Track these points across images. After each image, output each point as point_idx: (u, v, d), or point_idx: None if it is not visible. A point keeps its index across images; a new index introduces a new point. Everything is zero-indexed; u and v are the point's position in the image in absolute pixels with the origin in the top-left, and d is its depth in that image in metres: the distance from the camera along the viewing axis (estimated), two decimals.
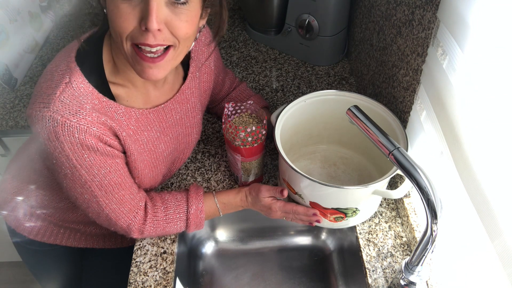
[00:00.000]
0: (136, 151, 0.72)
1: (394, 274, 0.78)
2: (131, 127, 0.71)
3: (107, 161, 0.67)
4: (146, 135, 0.74)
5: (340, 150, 0.97)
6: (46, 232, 0.90)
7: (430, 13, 0.67)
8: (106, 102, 0.66)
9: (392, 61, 0.87)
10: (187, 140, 0.86)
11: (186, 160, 0.92)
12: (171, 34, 0.60)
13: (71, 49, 0.67)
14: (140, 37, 0.58)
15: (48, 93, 0.62)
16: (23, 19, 1.25)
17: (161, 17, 0.57)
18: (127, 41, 0.60)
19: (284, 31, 1.26)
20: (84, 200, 0.70)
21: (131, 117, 0.70)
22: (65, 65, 0.64)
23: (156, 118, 0.75)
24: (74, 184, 0.67)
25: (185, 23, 0.60)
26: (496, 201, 0.52)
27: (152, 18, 0.56)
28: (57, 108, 0.60)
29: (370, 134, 0.64)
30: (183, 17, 0.60)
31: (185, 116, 0.82)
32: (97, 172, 0.66)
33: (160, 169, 0.81)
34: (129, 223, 0.75)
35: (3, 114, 1.15)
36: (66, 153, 0.62)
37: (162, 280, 0.80)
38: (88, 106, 0.63)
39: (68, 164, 0.64)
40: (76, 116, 0.61)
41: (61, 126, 0.60)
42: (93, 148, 0.64)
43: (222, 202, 0.83)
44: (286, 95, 1.17)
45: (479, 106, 0.56)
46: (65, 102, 0.61)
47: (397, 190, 0.73)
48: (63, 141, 0.61)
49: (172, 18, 0.59)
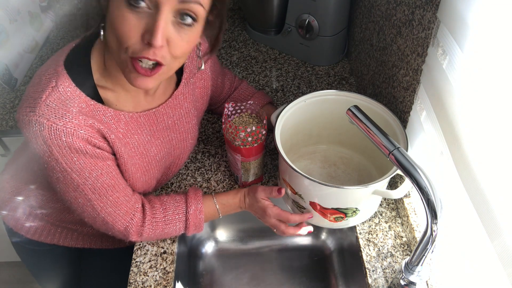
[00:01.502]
0: (126, 154, 0.71)
1: (394, 274, 0.78)
2: (121, 130, 0.70)
3: (97, 163, 0.67)
4: (136, 138, 0.74)
5: (340, 150, 0.97)
6: (43, 231, 0.90)
7: (430, 13, 0.67)
8: (94, 105, 0.66)
9: (392, 61, 0.87)
10: (182, 146, 0.86)
11: (182, 165, 0.92)
12: (169, 52, 0.60)
13: (60, 54, 0.66)
14: (141, 50, 0.58)
15: (34, 97, 0.61)
16: (23, 19, 1.25)
17: (165, 34, 0.57)
18: (125, 51, 0.59)
19: (284, 31, 1.26)
20: (78, 204, 0.70)
21: (120, 120, 0.70)
22: (53, 69, 0.64)
23: (146, 121, 0.75)
24: (67, 188, 0.67)
25: (185, 43, 0.61)
26: (496, 201, 0.52)
27: (158, 35, 0.56)
28: (43, 112, 0.60)
29: (370, 134, 0.64)
30: (185, 37, 0.60)
31: (179, 121, 0.82)
32: (89, 175, 0.66)
33: (153, 173, 0.81)
34: (126, 225, 0.75)
35: (3, 114, 1.15)
36: (55, 157, 0.62)
37: (162, 280, 0.80)
38: (74, 110, 0.62)
39: (58, 168, 0.64)
40: (62, 119, 0.60)
41: (47, 130, 0.60)
42: (82, 150, 0.63)
43: (221, 202, 0.83)
44: (286, 95, 1.17)
45: (479, 106, 0.56)
46: (51, 106, 0.60)
47: (397, 190, 0.73)
48: (50, 145, 0.61)
49: (175, 36, 0.59)
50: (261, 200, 0.81)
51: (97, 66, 0.67)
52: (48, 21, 1.42)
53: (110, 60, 0.67)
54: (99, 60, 0.67)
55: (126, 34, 0.57)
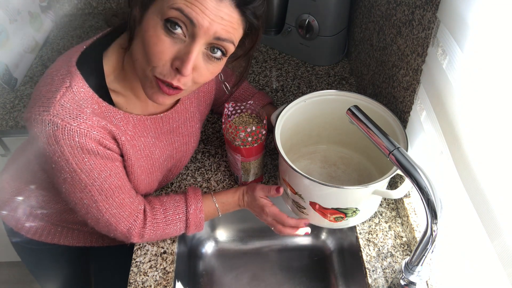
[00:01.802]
0: (134, 156, 0.72)
1: (394, 274, 0.78)
2: (129, 132, 0.71)
3: (107, 164, 0.67)
4: (142, 140, 0.74)
5: (340, 150, 0.97)
6: (44, 231, 0.90)
7: (430, 13, 0.67)
8: (106, 107, 0.66)
9: (392, 61, 0.87)
10: (185, 149, 0.86)
11: (182, 168, 0.92)
12: (192, 79, 0.61)
13: (72, 54, 0.67)
14: (167, 74, 0.59)
15: (48, 97, 0.61)
16: (23, 19, 1.25)
17: (194, 64, 0.59)
18: (151, 69, 0.60)
19: (284, 31, 1.26)
20: (83, 205, 0.70)
21: (128, 123, 0.70)
22: (66, 70, 0.64)
23: (152, 125, 0.75)
24: (73, 189, 0.67)
25: (210, 74, 0.62)
26: (496, 201, 0.52)
27: (189, 65, 0.57)
28: (57, 112, 0.60)
29: (370, 134, 0.64)
30: (210, 68, 0.62)
31: (183, 125, 0.82)
32: (97, 176, 0.66)
33: (156, 175, 0.81)
34: (129, 227, 0.75)
35: (3, 114, 1.15)
36: (65, 157, 0.62)
37: (162, 280, 0.80)
38: (88, 110, 0.63)
39: (67, 169, 0.64)
40: (77, 120, 0.61)
41: (61, 130, 0.60)
42: (94, 151, 0.64)
43: (220, 201, 0.83)
44: (286, 95, 1.17)
45: (479, 106, 0.56)
46: (65, 106, 0.61)
47: (397, 190, 0.73)
48: (63, 145, 0.61)
49: (202, 66, 0.60)
50: (259, 199, 0.81)
51: (111, 69, 0.68)
52: (48, 21, 1.42)
53: (130, 67, 0.67)
54: (113, 64, 0.68)
55: (157, 55, 0.58)
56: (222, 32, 0.57)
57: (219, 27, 0.56)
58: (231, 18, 0.57)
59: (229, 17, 0.57)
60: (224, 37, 0.58)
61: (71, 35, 1.45)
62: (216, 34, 0.57)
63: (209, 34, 0.57)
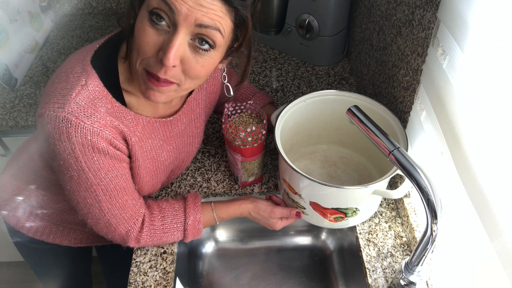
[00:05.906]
0: (141, 158, 0.72)
1: (394, 274, 0.78)
2: (137, 133, 0.71)
3: (115, 165, 0.67)
4: (150, 142, 0.74)
5: (340, 150, 0.97)
6: (45, 230, 0.90)
7: (430, 13, 0.67)
8: (118, 107, 0.67)
9: (392, 61, 0.87)
10: (188, 150, 0.86)
11: (184, 169, 0.92)
12: (182, 73, 0.60)
13: (86, 52, 0.67)
14: (153, 66, 0.59)
15: (63, 94, 0.62)
16: (23, 19, 1.25)
17: (178, 55, 0.58)
18: (140, 62, 0.60)
19: (284, 31, 1.26)
20: (85, 204, 0.70)
21: (138, 124, 0.71)
22: (81, 68, 0.64)
23: (161, 127, 0.75)
24: (78, 188, 0.67)
25: (200, 67, 0.61)
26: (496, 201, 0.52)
27: (170, 55, 0.56)
28: (72, 110, 0.60)
29: (370, 134, 0.64)
30: (200, 61, 0.60)
31: (189, 126, 0.82)
32: (104, 176, 0.66)
33: (160, 177, 0.81)
34: (128, 229, 0.75)
35: (3, 114, 1.15)
36: (75, 155, 0.62)
37: (162, 280, 0.80)
38: (102, 109, 0.63)
39: (75, 166, 0.64)
40: (91, 118, 0.61)
41: (74, 128, 0.60)
42: (104, 151, 0.64)
43: (220, 216, 0.83)
44: (286, 95, 1.17)
45: (479, 106, 0.56)
46: (80, 104, 0.61)
47: (397, 190, 0.73)
48: (74, 143, 0.61)
49: (190, 58, 0.59)
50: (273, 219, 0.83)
51: (123, 69, 0.68)
52: (48, 21, 1.42)
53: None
54: (125, 64, 0.68)
55: (144, 47, 0.58)
56: (204, 19, 0.56)
57: (199, 14, 0.55)
58: (213, 6, 0.56)
59: (209, 4, 0.55)
60: (206, 23, 0.56)
61: (71, 35, 1.45)
62: (198, 21, 0.56)
63: (190, 22, 0.56)
